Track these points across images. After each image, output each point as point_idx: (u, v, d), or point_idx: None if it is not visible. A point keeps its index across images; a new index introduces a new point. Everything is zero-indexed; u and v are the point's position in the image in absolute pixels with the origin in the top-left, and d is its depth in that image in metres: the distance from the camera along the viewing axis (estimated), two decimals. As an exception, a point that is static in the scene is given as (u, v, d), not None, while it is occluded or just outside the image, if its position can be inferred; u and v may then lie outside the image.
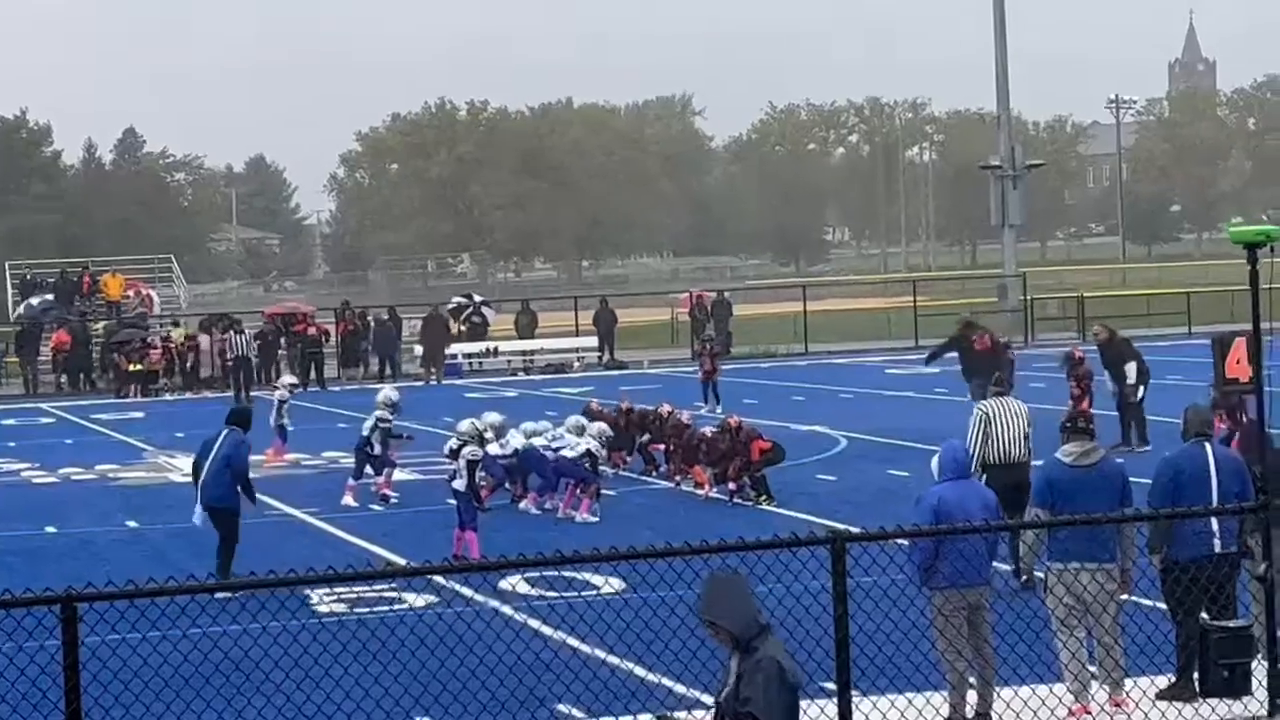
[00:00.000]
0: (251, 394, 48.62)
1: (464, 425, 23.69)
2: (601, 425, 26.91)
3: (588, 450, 25.27)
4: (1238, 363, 12.75)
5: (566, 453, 25.36)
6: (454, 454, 22.82)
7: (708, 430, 27.41)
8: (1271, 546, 11.58)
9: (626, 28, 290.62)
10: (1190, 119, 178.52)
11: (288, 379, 36.85)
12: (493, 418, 26.86)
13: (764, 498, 25.13)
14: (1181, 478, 13.86)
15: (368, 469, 27.28)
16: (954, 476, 13.61)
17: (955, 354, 35.64)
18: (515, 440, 26.45)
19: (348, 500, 26.79)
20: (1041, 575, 13.78)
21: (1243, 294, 12.96)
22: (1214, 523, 13.47)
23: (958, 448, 14.18)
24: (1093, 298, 65.67)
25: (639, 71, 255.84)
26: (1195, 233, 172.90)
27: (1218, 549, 13.49)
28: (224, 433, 20.94)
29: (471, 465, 22.35)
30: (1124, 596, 13.58)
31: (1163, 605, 13.89)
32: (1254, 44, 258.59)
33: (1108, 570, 13.37)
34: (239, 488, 20.68)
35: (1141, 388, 29.85)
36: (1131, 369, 29.91)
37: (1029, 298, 63.66)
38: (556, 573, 17.91)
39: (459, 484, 22.08)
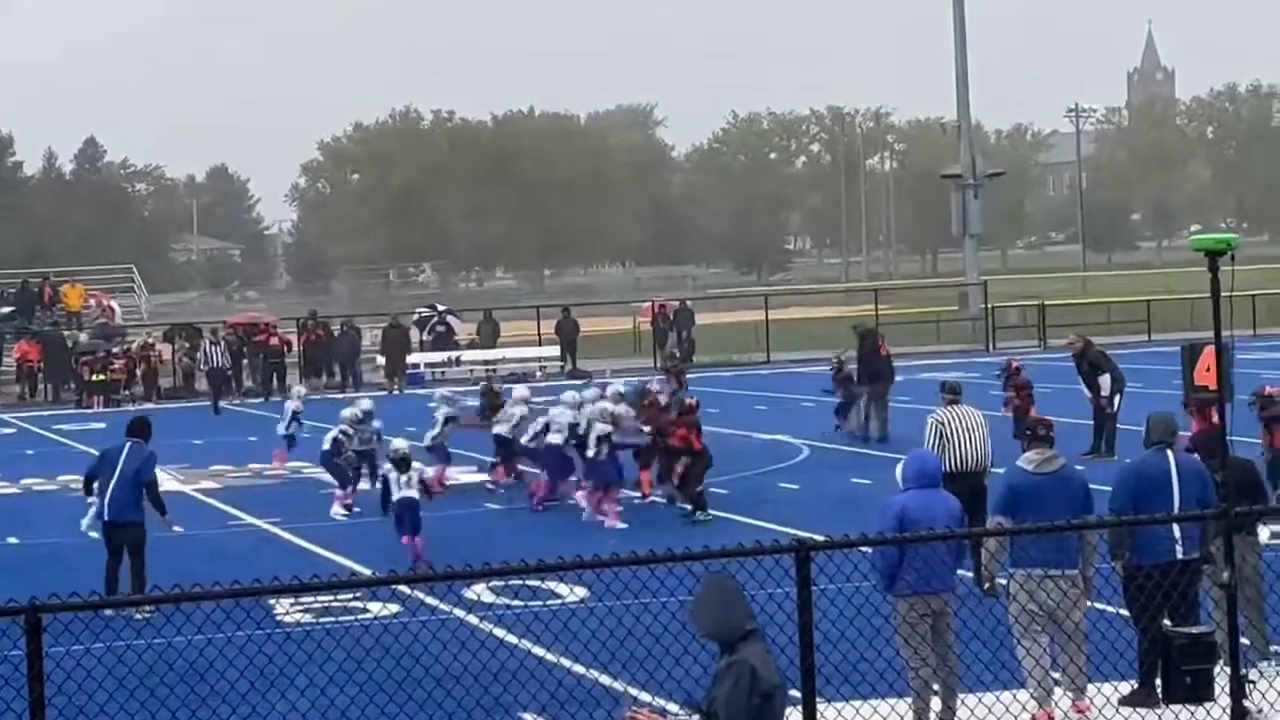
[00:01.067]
0: (222, 404, 48.56)
1: (399, 443, 23.31)
2: (604, 405, 26.29)
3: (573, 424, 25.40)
4: (1207, 370, 12.83)
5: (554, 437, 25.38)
6: (402, 468, 22.38)
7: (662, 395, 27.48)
8: (1233, 553, 11.64)
9: (589, 37, 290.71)
10: (1149, 128, 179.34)
11: (300, 389, 36.28)
12: (441, 391, 27.21)
13: (700, 513, 24.72)
14: (1143, 484, 13.93)
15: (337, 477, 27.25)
16: (919, 485, 13.65)
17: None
18: (563, 415, 26.25)
19: (337, 511, 26.58)
20: (1004, 582, 13.83)
21: (1203, 302, 13.05)
22: (1176, 529, 13.54)
23: (925, 456, 14.23)
24: (1054, 306, 65.88)
25: (601, 81, 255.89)
26: (1155, 241, 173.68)
27: (1180, 555, 13.56)
28: (127, 445, 20.26)
29: (422, 479, 22.76)
30: (1086, 603, 13.65)
31: (1125, 611, 13.95)
32: (1212, 53, 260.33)
33: (1070, 577, 13.43)
34: (150, 501, 20.10)
35: (1117, 397, 29.90)
36: (1106, 380, 29.94)
37: (990, 306, 63.83)
38: (521, 581, 17.92)
39: (409, 493, 22.07)
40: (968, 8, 67.77)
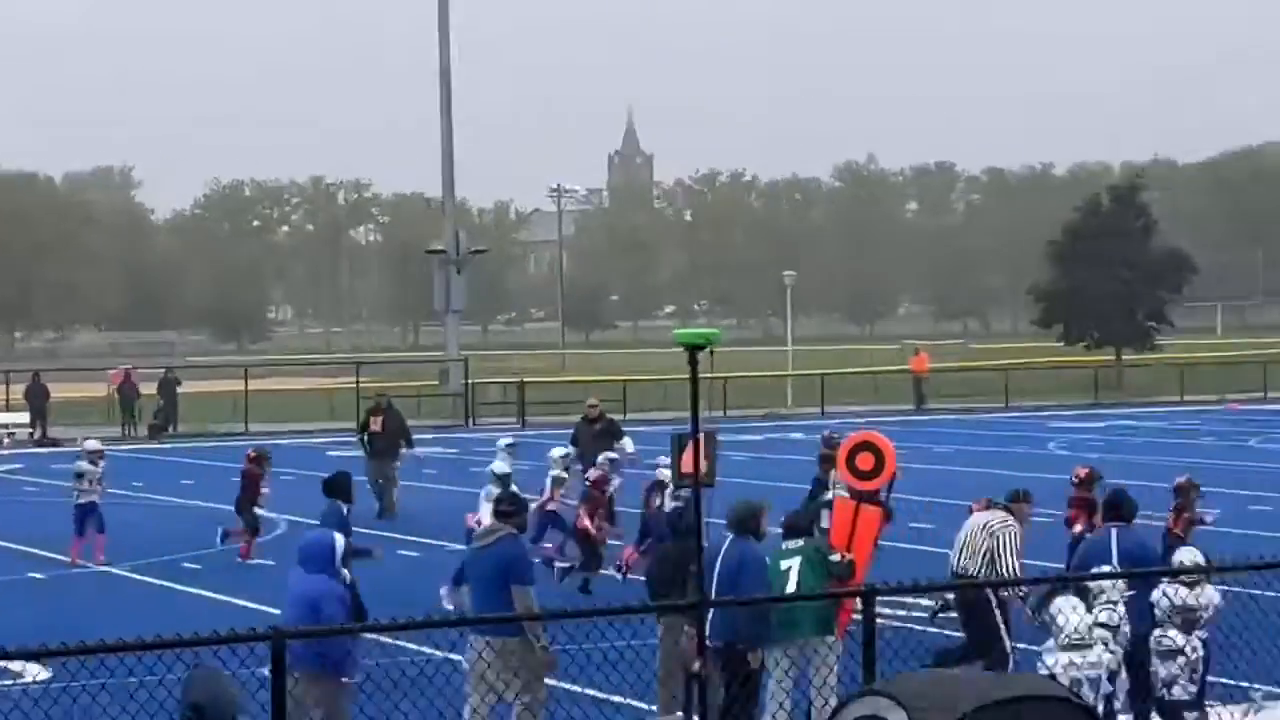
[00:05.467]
0: None
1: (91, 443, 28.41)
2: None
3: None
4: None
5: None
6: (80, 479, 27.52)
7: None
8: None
9: (71, 94, 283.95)
10: (628, 210, 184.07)
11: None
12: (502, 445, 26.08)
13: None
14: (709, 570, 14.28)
15: None
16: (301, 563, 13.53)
17: None
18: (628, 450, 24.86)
19: None
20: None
21: (676, 384, 13.18)
22: (712, 613, 13.75)
23: (311, 540, 13.92)
24: (533, 383, 66.64)
25: (78, 140, 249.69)
26: (632, 320, 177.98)
27: (710, 640, 13.69)
28: None
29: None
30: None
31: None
32: (690, 139, 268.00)
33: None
34: None
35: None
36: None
37: (470, 382, 64.17)
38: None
39: (91, 497, 27.34)
40: (454, 80, 68.22)
